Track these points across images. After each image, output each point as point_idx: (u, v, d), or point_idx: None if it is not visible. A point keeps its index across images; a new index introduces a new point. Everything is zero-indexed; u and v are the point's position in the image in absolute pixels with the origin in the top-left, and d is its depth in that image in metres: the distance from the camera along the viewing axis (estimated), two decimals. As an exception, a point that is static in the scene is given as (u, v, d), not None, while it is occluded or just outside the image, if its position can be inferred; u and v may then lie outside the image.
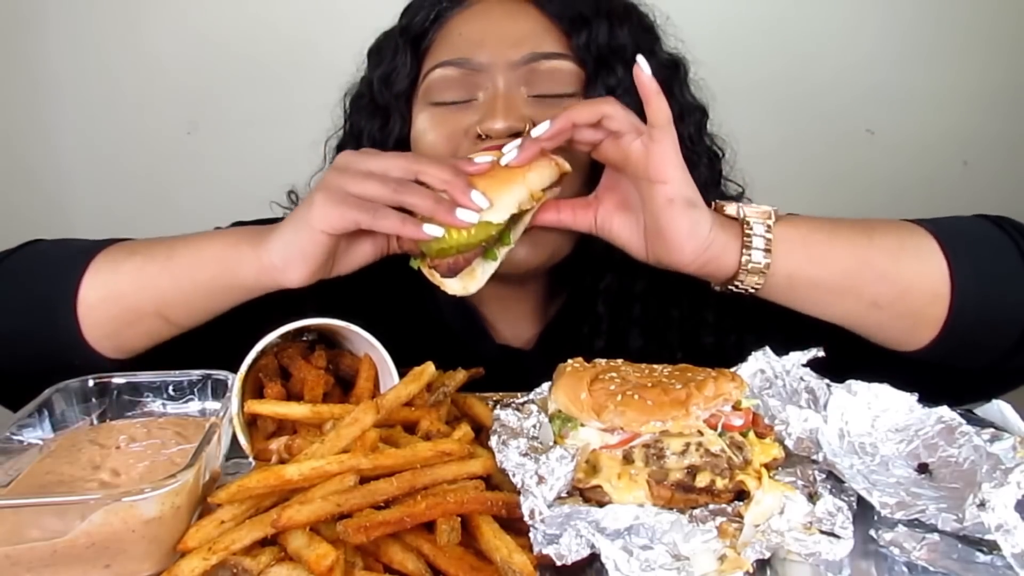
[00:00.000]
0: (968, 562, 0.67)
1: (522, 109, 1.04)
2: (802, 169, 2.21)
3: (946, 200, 2.22)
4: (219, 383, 0.88)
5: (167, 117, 2.19)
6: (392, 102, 1.12)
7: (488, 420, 0.85)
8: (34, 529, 0.63)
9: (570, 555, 0.65)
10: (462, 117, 1.06)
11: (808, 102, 2.21)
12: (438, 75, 1.08)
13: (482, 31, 1.09)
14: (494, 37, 1.08)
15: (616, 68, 1.08)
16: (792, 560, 0.66)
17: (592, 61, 1.09)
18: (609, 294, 1.13)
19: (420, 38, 1.12)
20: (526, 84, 1.07)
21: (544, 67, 1.07)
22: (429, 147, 1.08)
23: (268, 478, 0.68)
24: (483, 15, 1.11)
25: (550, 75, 1.07)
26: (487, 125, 1.02)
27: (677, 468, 0.70)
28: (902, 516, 0.70)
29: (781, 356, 0.89)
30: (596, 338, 1.14)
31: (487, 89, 1.06)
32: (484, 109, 1.05)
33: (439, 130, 1.07)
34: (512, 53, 1.06)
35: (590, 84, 1.09)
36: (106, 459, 0.76)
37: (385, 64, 1.14)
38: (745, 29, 2.14)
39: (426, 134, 1.08)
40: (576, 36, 1.09)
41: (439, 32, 1.12)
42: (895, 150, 2.22)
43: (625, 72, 1.08)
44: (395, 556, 0.66)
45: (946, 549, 0.68)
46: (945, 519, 0.69)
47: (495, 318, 1.24)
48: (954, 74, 2.18)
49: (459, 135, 1.06)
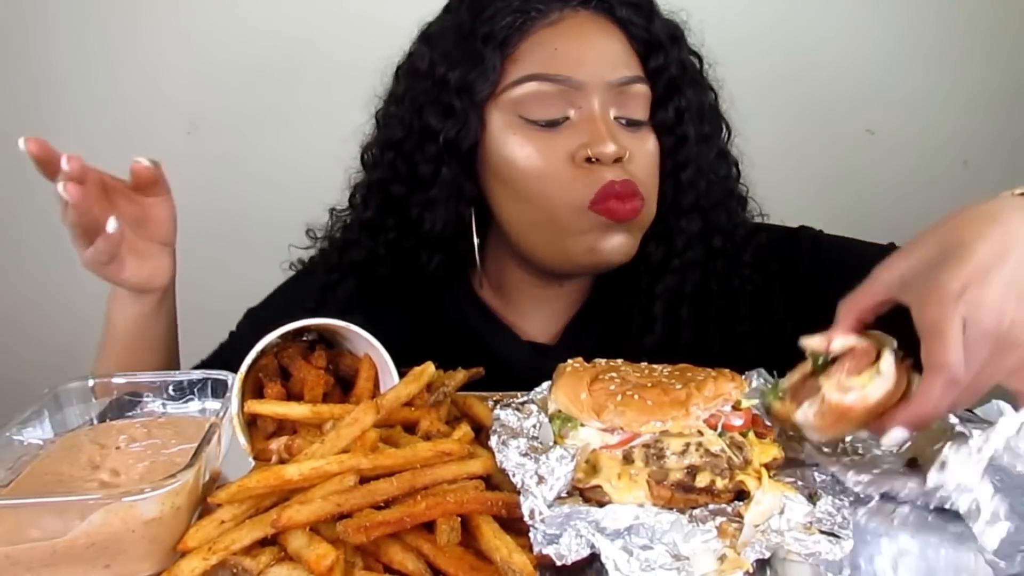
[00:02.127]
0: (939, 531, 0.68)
1: (619, 136, 1.06)
2: (802, 169, 2.21)
3: (947, 200, 2.21)
4: (219, 383, 0.88)
5: (167, 117, 2.19)
6: (471, 107, 1.10)
7: (488, 420, 0.85)
8: (34, 529, 0.63)
9: (570, 555, 0.64)
10: (563, 141, 1.06)
11: (808, 102, 2.21)
12: (533, 89, 1.07)
13: (581, 49, 1.08)
14: (593, 56, 1.08)
15: (684, 91, 1.13)
16: (792, 560, 0.66)
17: (664, 84, 1.12)
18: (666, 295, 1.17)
19: (505, 44, 1.09)
20: (615, 106, 1.08)
21: (632, 91, 1.09)
22: (537, 171, 1.07)
23: (268, 478, 0.68)
24: (578, 32, 1.10)
25: (634, 99, 1.10)
26: (599, 149, 1.03)
27: (677, 468, 0.70)
28: (874, 491, 0.71)
29: None
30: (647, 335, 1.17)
31: (581, 109, 1.07)
32: (588, 132, 1.05)
33: (546, 155, 1.06)
34: (609, 74, 1.07)
35: (658, 107, 1.12)
36: (106, 459, 0.76)
37: (464, 67, 1.10)
38: (744, 29, 2.14)
39: (530, 158, 1.07)
40: (652, 59, 1.11)
41: (525, 42, 1.09)
42: (895, 150, 2.22)
43: (691, 94, 1.14)
44: (395, 556, 0.66)
45: (916, 521, 0.69)
46: (911, 489, 0.70)
47: (524, 318, 1.26)
48: (955, 74, 2.18)
49: (565, 159, 1.06)
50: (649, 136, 1.12)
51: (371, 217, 1.21)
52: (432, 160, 1.13)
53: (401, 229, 1.18)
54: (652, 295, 1.17)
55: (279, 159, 2.18)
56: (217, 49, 2.17)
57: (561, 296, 1.24)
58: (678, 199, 1.16)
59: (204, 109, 2.19)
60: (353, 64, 1.25)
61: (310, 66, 2.16)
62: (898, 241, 0.93)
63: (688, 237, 1.17)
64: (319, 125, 1.27)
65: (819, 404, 0.73)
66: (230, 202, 2.21)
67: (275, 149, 2.18)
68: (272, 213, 1.30)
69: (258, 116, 2.19)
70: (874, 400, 0.72)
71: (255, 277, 1.34)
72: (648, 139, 1.12)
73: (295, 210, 1.30)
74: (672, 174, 1.15)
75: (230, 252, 2.17)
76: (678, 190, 1.16)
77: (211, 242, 2.19)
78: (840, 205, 2.25)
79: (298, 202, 1.29)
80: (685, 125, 1.14)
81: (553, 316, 1.25)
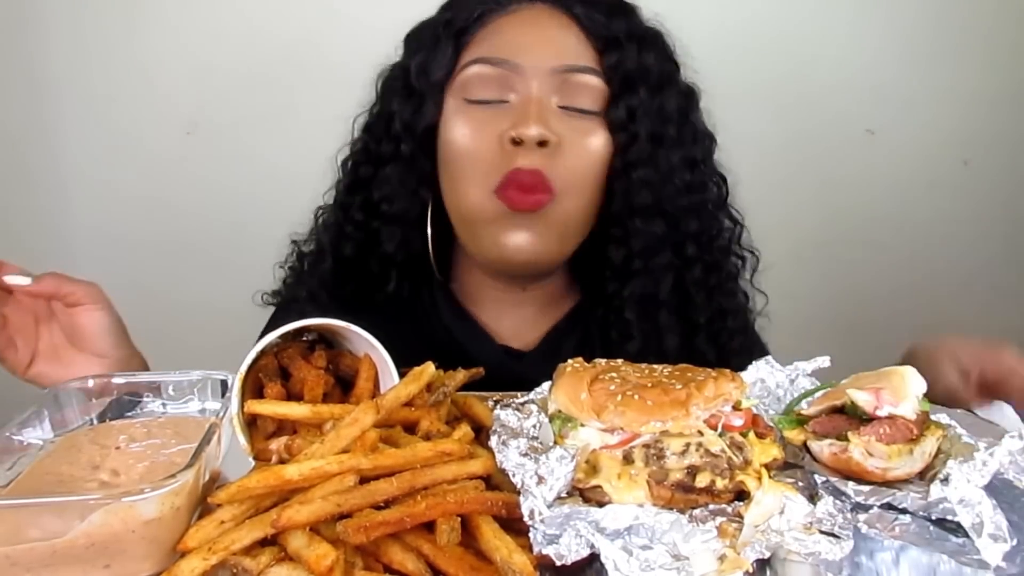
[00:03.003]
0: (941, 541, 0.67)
1: (552, 120, 1.08)
2: (802, 169, 2.21)
3: (947, 200, 2.24)
4: (219, 383, 0.88)
5: (167, 117, 2.19)
6: (428, 89, 1.15)
7: (488, 420, 0.85)
8: (34, 529, 0.63)
9: (570, 555, 0.64)
10: (495, 121, 1.09)
11: (808, 102, 2.21)
12: (475, 71, 1.12)
13: (524, 35, 1.12)
14: (535, 42, 1.12)
15: (639, 90, 1.13)
16: (792, 560, 0.66)
17: (618, 81, 1.13)
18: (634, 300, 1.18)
19: (462, 32, 1.15)
20: (558, 94, 1.10)
21: (577, 80, 1.11)
22: (465, 150, 1.11)
23: (268, 478, 0.68)
24: (528, 22, 1.14)
25: (581, 89, 1.11)
26: (521, 131, 1.05)
27: (677, 468, 0.69)
28: (875, 501, 0.70)
29: (785, 366, 0.89)
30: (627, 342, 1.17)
31: (520, 93, 1.10)
32: (518, 114, 1.08)
33: (476, 135, 1.10)
34: (551, 60, 1.10)
35: (612, 103, 1.13)
36: (106, 459, 0.76)
37: (424, 52, 1.17)
38: (745, 30, 2.14)
39: (464, 137, 1.11)
40: (608, 55, 1.13)
41: (481, 31, 1.15)
42: (895, 150, 2.22)
43: (647, 95, 1.14)
44: (395, 556, 0.66)
45: (918, 531, 0.68)
46: (913, 500, 0.69)
47: (496, 322, 1.26)
48: (955, 74, 2.18)
49: (494, 141, 1.09)
50: (596, 129, 1.13)
51: (341, 199, 1.26)
52: (392, 139, 1.19)
53: (366, 209, 1.22)
54: (621, 300, 1.18)
55: (279, 159, 2.17)
56: (217, 49, 2.16)
57: (528, 301, 1.25)
58: (630, 199, 1.16)
59: (204, 109, 2.19)
60: (353, 64, 1.25)
61: (310, 66, 2.15)
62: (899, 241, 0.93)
63: (647, 239, 1.17)
64: (319, 125, 1.27)
65: (838, 451, 0.73)
66: (230, 202, 2.21)
67: (275, 149, 2.18)
68: (272, 213, 1.30)
69: (258, 116, 2.19)
70: (893, 476, 0.72)
71: (254, 276, 1.34)
72: (593, 132, 1.12)
73: (295, 210, 1.30)
74: (624, 172, 1.15)
75: (229, 252, 2.17)
76: (630, 189, 1.15)
77: (211, 241, 2.19)
78: (840, 205, 2.26)
79: (298, 202, 1.30)
80: (637, 123, 1.14)
81: (530, 324, 1.26)
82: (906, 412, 0.74)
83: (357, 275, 1.23)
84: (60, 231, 2.14)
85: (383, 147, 1.21)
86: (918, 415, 0.75)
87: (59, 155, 2.17)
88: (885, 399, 0.75)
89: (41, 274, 0.99)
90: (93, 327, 1.00)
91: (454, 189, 1.14)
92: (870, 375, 0.79)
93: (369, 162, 1.23)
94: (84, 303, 0.99)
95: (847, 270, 2.28)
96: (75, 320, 1.00)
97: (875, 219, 2.26)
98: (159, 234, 2.19)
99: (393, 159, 1.19)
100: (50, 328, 1.02)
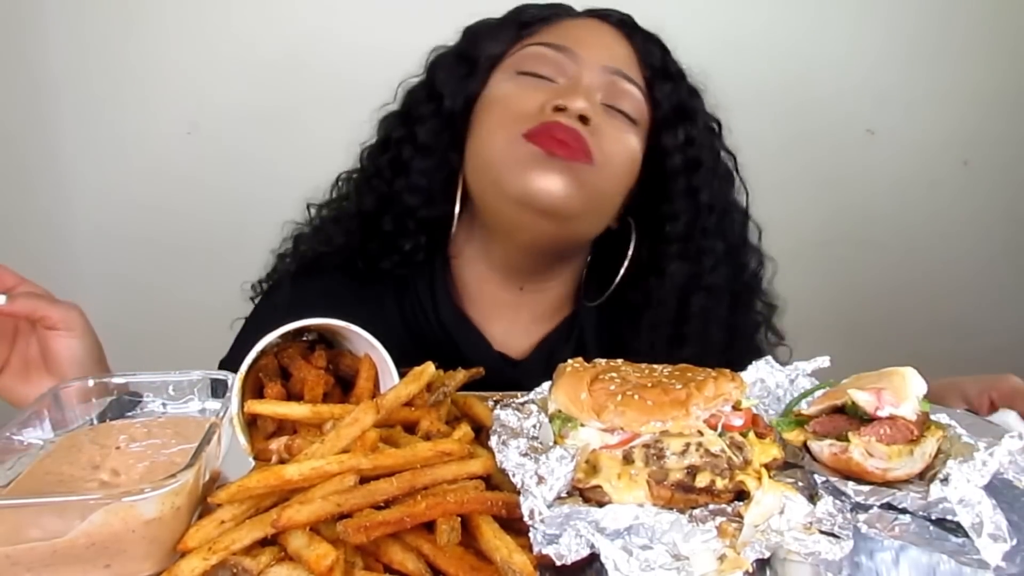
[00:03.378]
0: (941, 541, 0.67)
1: (596, 107, 1.12)
2: (803, 169, 2.21)
3: (947, 201, 2.24)
4: (219, 383, 0.88)
5: (167, 117, 2.19)
6: (481, 59, 1.20)
7: (488, 420, 0.85)
8: (34, 529, 0.63)
9: (570, 555, 0.64)
10: (542, 90, 1.13)
11: (809, 102, 2.21)
12: (533, 50, 1.17)
13: (587, 35, 1.19)
14: (595, 43, 1.17)
15: (679, 130, 1.20)
16: (792, 560, 0.66)
17: (665, 112, 1.19)
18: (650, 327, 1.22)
19: (527, 24, 1.20)
20: (604, 91, 1.15)
21: (625, 86, 1.16)
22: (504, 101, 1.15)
23: (268, 478, 0.68)
24: (592, 28, 1.21)
25: (626, 95, 1.16)
26: (568, 100, 1.09)
27: (677, 468, 0.69)
28: (875, 501, 0.70)
29: (785, 366, 0.89)
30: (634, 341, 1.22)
31: (571, 78, 1.14)
32: (567, 88, 1.12)
33: (520, 94, 1.14)
34: (607, 60, 1.15)
35: (655, 131, 1.19)
36: (106, 459, 0.76)
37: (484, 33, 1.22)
38: (746, 30, 2.14)
39: (508, 92, 1.15)
40: (660, 84, 1.19)
41: (546, 27, 1.20)
42: (895, 150, 2.22)
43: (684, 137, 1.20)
44: (395, 556, 0.66)
45: (917, 530, 0.68)
46: (913, 500, 0.69)
47: (493, 326, 1.25)
48: (955, 74, 2.18)
49: (536, 103, 1.11)
50: (631, 134, 1.16)
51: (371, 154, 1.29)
52: (432, 100, 1.22)
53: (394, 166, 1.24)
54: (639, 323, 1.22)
55: (279, 159, 2.18)
56: (217, 49, 2.17)
57: (525, 304, 1.26)
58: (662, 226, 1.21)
59: (204, 109, 2.20)
60: (353, 65, 1.25)
61: (310, 67, 2.15)
62: (898, 241, 0.93)
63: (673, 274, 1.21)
64: (319, 125, 1.28)
65: (838, 451, 0.73)
66: (229, 201, 2.21)
67: (275, 149, 2.18)
68: (271, 213, 1.30)
69: (258, 116, 2.19)
70: (893, 476, 0.72)
71: (254, 276, 1.34)
72: (628, 134, 1.16)
73: (295, 210, 1.30)
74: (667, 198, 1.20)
75: (229, 251, 2.16)
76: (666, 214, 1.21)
77: (210, 241, 2.19)
78: (841, 205, 2.26)
79: (297, 202, 1.30)
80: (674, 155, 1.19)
81: (523, 330, 1.26)
82: (907, 413, 0.74)
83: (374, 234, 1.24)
84: (60, 231, 2.14)
85: (422, 108, 1.23)
86: (919, 416, 0.75)
87: (59, 155, 2.17)
88: (886, 399, 0.75)
89: (20, 292, 0.96)
90: (63, 354, 0.97)
91: (483, 138, 1.15)
92: (871, 375, 0.79)
93: (405, 124, 1.25)
94: (58, 328, 0.97)
95: (847, 270, 2.29)
96: (47, 343, 0.97)
97: (875, 219, 2.26)
98: (159, 234, 2.19)
99: (432, 117, 1.22)
100: (28, 342, 0.99)
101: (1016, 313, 2.25)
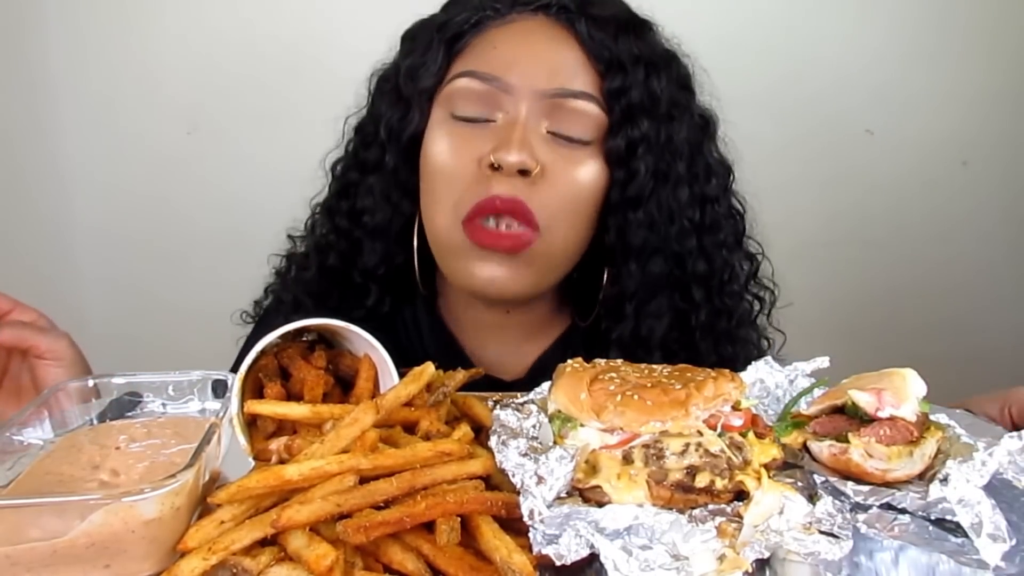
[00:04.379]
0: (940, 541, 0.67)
1: (537, 146, 1.01)
2: (802, 170, 2.22)
3: (946, 201, 2.25)
4: (219, 383, 0.88)
5: (167, 117, 2.19)
6: (415, 96, 1.10)
7: (488, 420, 0.85)
8: (34, 529, 0.63)
9: (569, 555, 0.64)
10: (477, 141, 1.03)
11: (808, 103, 2.21)
12: (463, 85, 1.05)
13: (518, 51, 1.05)
14: (529, 61, 1.04)
15: (642, 121, 1.05)
16: (791, 560, 0.66)
17: (620, 109, 1.05)
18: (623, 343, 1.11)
19: (456, 39, 1.09)
20: (548, 118, 1.04)
21: (570, 105, 1.04)
22: (441, 169, 1.06)
23: (268, 478, 0.68)
24: (523, 35, 1.07)
25: (573, 115, 1.04)
26: (500, 155, 0.99)
27: (677, 468, 0.70)
28: (874, 501, 0.70)
29: (784, 366, 0.89)
30: None
31: (508, 113, 1.03)
32: (500, 137, 1.01)
33: (455, 155, 1.04)
34: (543, 82, 1.03)
35: (612, 132, 1.05)
36: (106, 459, 0.76)
37: (416, 55, 1.12)
38: (746, 31, 2.14)
39: (441, 155, 1.06)
40: (610, 80, 1.05)
41: (476, 38, 1.09)
42: (895, 150, 2.22)
43: (651, 125, 1.05)
44: (395, 556, 0.66)
45: (917, 530, 0.68)
46: (912, 500, 0.69)
47: (483, 349, 1.21)
48: (954, 75, 2.18)
49: (472, 163, 1.03)
50: (587, 160, 1.05)
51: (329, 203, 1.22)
52: (378, 146, 1.14)
53: (351, 217, 1.17)
54: (607, 341, 1.12)
55: (279, 159, 2.17)
56: (217, 49, 2.17)
57: (513, 326, 1.19)
58: (625, 238, 1.08)
59: (204, 109, 2.20)
60: (352, 65, 1.25)
61: (310, 66, 2.16)
62: (898, 241, 0.93)
63: (642, 281, 1.10)
64: (318, 125, 1.27)
65: (838, 451, 0.74)
66: (229, 201, 2.21)
67: (275, 149, 2.18)
68: (271, 213, 1.30)
69: (258, 117, 2.19)
70: (893, 477, 0.72)
71: (253, 276, 1.34)
72: (583, 162, 1.05)
73: (294, 210, 1.30)
74: (620, 209, 1.07)
75: (228, 251, 2.17)
76: (625, 228, 1.08)
77: (210, 241, 2.19)
78: (840, 205, 2.26)
79: (297, 202, 1.30)
80: (637, 158, 1.05)
81: (515, 351, 1.20)
82: (907, 414, 0.74)
83: (340, 286, 1.19)
84: (60, 231, 2.14)
85: (370, 153, 1.16)
86: (918, 417, 0.75)
87: (59, 155, 2.17)
88: (887, 400, 0.75)
89: (9, 321, 0.96)
90: (50, 383, 0.94)
91: (427, 209, 1.09)
92: (871, 375, 0.79)
93: (356, 168, 1.19)
94: (46, 359, 0.95)
95: (847, 270, 2.29)
96: (36, 372, 0.96)
97: (874, 219, 2.26)
98: (159, 234, 2.19)
99: (377, 168, 1.15)
100: (21, 367, 0.99)
101: (1016, 313, 2.25)
